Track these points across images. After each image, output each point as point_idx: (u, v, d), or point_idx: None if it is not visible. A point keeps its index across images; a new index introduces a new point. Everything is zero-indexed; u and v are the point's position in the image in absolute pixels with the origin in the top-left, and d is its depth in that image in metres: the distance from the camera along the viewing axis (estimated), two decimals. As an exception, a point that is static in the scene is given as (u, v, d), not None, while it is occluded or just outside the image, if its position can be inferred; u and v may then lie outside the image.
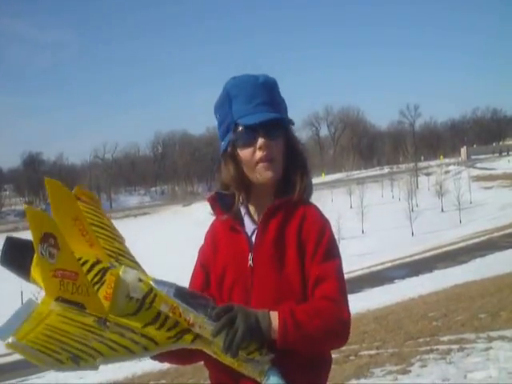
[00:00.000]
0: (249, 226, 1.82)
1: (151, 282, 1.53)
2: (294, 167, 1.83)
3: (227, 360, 1.53)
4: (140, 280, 1.52)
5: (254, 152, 1.75)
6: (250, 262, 1.74)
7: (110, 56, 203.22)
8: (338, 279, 1.69)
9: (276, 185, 1.82)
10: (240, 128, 1.76)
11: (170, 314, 1.50)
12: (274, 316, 1.56)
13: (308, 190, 1.86)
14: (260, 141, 1.74)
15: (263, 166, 1.76)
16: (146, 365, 16.16)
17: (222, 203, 1.85)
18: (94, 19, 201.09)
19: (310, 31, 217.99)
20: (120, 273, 1.52)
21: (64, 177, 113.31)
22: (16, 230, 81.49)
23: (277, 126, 1.78)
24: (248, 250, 1.76)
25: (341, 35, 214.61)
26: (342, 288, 1.68)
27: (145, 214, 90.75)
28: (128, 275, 1.51)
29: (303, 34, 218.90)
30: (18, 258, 1.54)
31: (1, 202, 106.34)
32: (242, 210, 1.84)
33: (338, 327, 1.62)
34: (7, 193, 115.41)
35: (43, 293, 1.47)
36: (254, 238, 1.78)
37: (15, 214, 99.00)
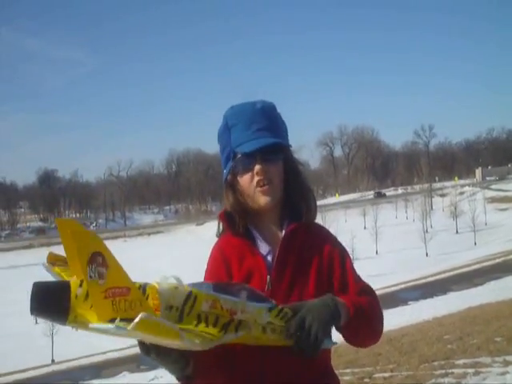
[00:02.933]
0: (263, 247, 1.80)
1: (188, 286, 1.51)
2: (295, 189, 1.84)
3: (264, 339, 1.57)
4: (176, 288, 1.48)
5: (252, 178, 1.76)
6: (268, 285, 1.74)
7: (125, 74, 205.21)
8: (376, 295, 1.82)
9: (280, 208, 1.84)
10: (238, 156, 1.78)
11: (212, 310, 1.50)
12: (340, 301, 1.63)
13: (316, 211, 1.88)
14: (257, 166, 1.75)
15: (260, 191, 1.76)
16: None
17: (231, 223, 1.84)
18: (109, 37, 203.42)
19: (324, 51, 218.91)
20: (156, 285, 1.48)
21: (79, 194, 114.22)
22: (31, 246, 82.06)
23: (274, 151, 1.78)
24: (266, 273, 1.75)
25: (355, 56, 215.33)
26: (370, 288, 1.83)
27: (158, 232, 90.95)
28: (164, 285, 1.48)
29: (317, 53, 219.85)
30: (51, 304, 1.38)
31: (16, 218, 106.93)
32: (253, 231, 1.83)
33: (381, 325, 1.78)
34: (22, 210, 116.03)
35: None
36: (269, 259, 1.78)
37: (30, 230, 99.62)
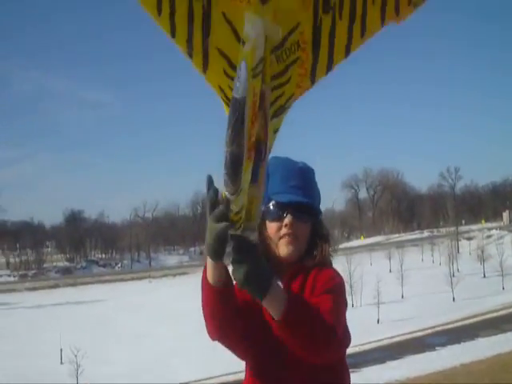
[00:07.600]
0: None
1: None
2: (315, 243, 1.92)
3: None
4: None
5: (280, 228, 1.86)
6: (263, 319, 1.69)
7: (152, 116, 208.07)
8: (333, 302, 1.71)
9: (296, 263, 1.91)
10: (272, 203, 1.89)
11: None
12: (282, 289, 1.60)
13: (327, 258, 1.95)
14: (287, 219, 1.85)
15: (285, 241, 1.86)
16: None
17: None
18: (134, 79, 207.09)
19: (348, 93, 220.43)
20: None
21: (105, 235, 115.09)
22: (56, 286, 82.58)
23: (306, 211, 1.89)
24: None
25: (380, 98, 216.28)
26: (336, 310, 1.70)
27: (183, 273, 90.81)
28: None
29: (341, 96, 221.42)
30: None
31: (43, 258, 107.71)
32: None
33: (328, 330, 1.61)
34: (49, 249, 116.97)
35: (81, 352, 1.43)
36: None
37: (56, 270, 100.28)
